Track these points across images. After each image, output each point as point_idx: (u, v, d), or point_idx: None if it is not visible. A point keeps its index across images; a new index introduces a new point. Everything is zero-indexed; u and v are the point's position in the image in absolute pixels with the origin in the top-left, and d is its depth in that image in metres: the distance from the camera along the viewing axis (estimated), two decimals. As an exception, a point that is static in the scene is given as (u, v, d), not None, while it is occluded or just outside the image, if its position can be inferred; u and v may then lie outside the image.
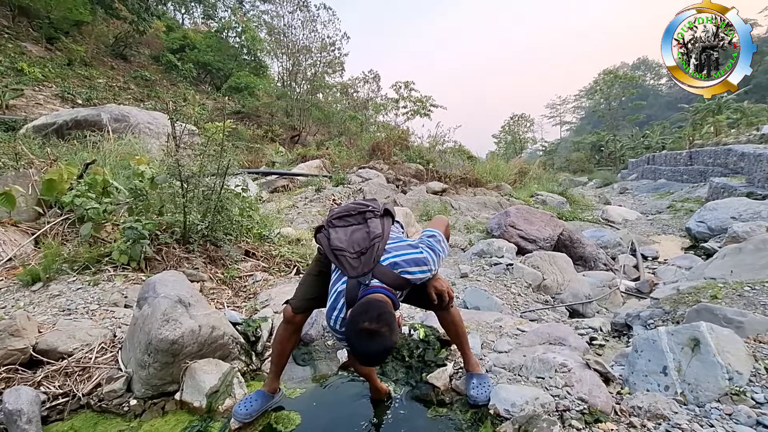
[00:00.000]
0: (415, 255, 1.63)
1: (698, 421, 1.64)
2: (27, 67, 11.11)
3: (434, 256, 1.67)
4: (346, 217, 1.81)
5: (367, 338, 1.39)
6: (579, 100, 52.15)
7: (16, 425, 1.69)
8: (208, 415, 1.93)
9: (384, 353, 1.43)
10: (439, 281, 1.83)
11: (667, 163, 17.64)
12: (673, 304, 3.05)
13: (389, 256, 1.62)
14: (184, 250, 3.59)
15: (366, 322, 1.39)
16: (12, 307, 2.68)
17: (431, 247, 1.69)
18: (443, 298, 1.83)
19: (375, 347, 1.39)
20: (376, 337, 1.38)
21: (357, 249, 1.63)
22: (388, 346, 1.41)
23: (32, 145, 5.43)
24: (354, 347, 1.43)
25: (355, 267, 1.58)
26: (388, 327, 1.41)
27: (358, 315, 1.43)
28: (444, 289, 1.82)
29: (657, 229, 8.61)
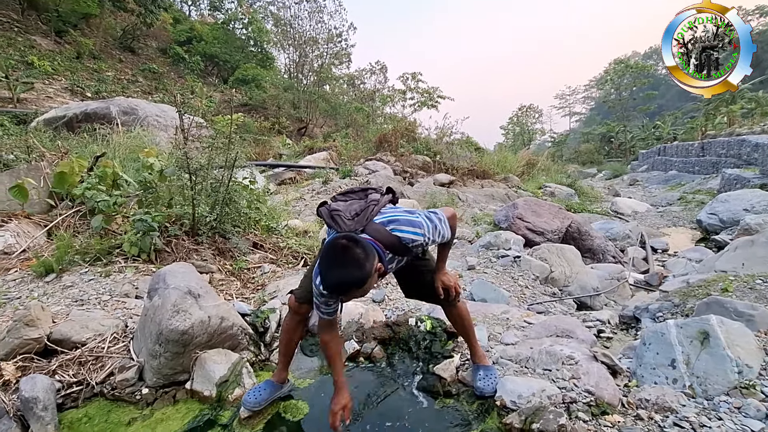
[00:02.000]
0: (410, 217, 1.60)
1: (706, 414, 1.63)
2: (37, 60, 11.20)
3: (429, 223, 1.61)
4: (348, 193, 1.83)
5: (341, 253, 1.37)
6: (589, 90, 51.29)
7: (33, 412, 1.73)
8: (218, 403, 1.97)
9: (352, 278, 1.36)
10: (447, 276, 1.84)
11: (679, 155, 17.34)
12: (683, 297, 3.02)
13: (383, 217, 1.60)
14: (193, 242, 3.63)
15: (343, 240, 1.39)
16: (26, 298, 2.74)
17: (428, 217, 1.65)
18: (450, 293, 1.83)
19: (345, 265, 1.35)
20: (348, 254, 1.36)
21: (353, 213, 1.62)
22: (357, 274, 1.36)
23: (43, 138, 5.49)
24: (322, 266, 1.40)
25: (348, 224, 1.56)
26: (363, 251, 1.38)
27: (336, 237, 1.45)
28: (451, 284, 1.83)
29: (667, 222, 8.51)
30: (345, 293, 1.42)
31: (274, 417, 1.90)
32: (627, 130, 32.26)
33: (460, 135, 12.59)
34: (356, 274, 1.36)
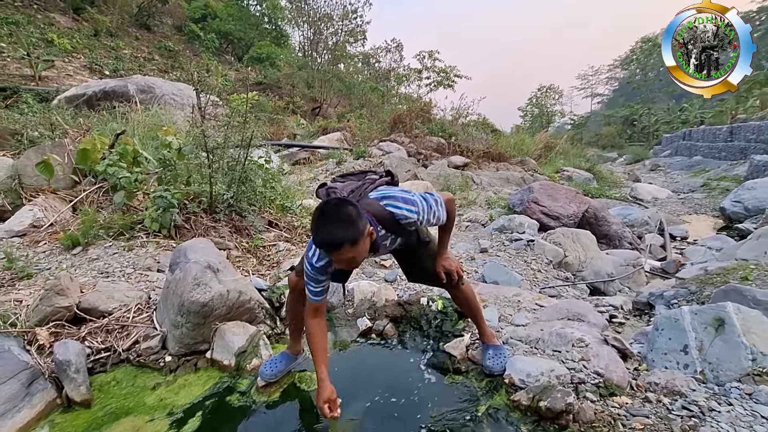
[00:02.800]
0: (405, 195, 1.58)
1: (716, 399, 1.64)
2: (56, 38, 11.33)
3: (424, 203, 1.59)
4: (348, 175, 1.84)
5: (332, 210, 1.37)
6: (613, 71, 49.42)
7: (66, 374, 1.85)
8: (236, 372, 2.06)
9: (344, 233, 1.35)
10: (448, 260, 1.85)
11: (705, 139, 16.71)
12: (700, 284, 2.98)
13: (378, 193, 1.61)
14: (210, 219, 3.72)
15: (335, 200, 1.42)
16: (56, 269, 2.87)
17: (424, 197, 1.62)
18: (452, 276, 1.85)
19: (337, 221, 1.35)
20: (340, 211, 1.36)
21: (348, 190, 1.62)
22: (350, 229, 1.35)
23: (65, 115, 5.61)
24: (314, 225, 1.39)
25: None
26: (355, 209, 1.38)
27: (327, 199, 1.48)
28: (452, 268, 1.84)
29: (688, 209, 8.30)
30: (337, 249, 1.36)
31: (290, 387, 1.99)
32: (651, 112, 31.13)
33: (477, 116, 12.36)
34: (349, 229, 1.35)
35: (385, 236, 1.62)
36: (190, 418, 1.78)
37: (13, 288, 2.56)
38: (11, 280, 2.66)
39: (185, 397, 1.91)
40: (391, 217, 1.54)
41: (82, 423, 1.75)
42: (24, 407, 1.73)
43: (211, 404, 1.87)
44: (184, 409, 1.83)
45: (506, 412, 1.74)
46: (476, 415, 1.75)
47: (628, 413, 1.61)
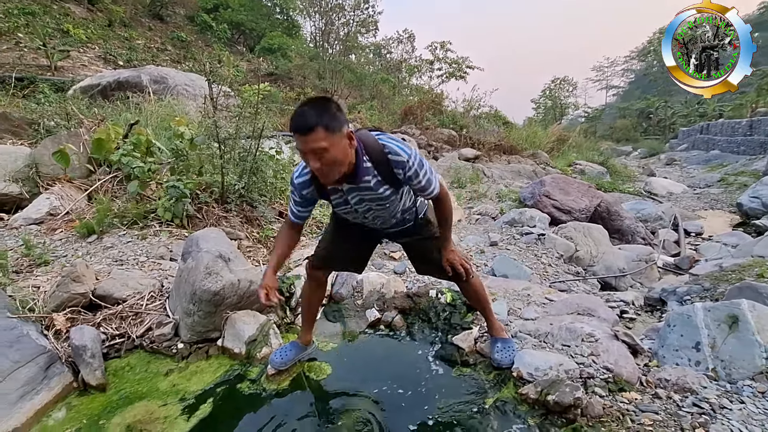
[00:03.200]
0: (401, 144, 1.50)
1: (728, 397, 1.62)
2: (72, 28, 11.43)
3: (418, 157, 1.50)
4: None
5: (315, 99, 1.36)
6: (629, 62, 48.27)
7: (82, 358, 1.90)
8: (247, 360, 2.09)
9: (320, 113, 1.31)
10: (453, 253, 1.81)
11: (723, 133, 16.28)
12: (714, 281, 2.93)
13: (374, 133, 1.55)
14: (222, 209, 3.76)
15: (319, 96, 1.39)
16: (72, 256, 2.93)
17: (422, 161, 1.52)
18: (457, 270, 1.81)
19: (316, 105, 1.33)
20: (323, 100, 1.35)
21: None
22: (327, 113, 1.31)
23: (81, 105, 5.69)
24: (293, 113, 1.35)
25: None
26: (338, 106, 1.36)
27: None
28: (456, 261, 1.80)
29: (704, 204, 8.14)
30: (309, 131, 1.29)
31: (299, 376, 2.01)
32: (668, 105, 30.40)
33: (489, 108, 12.22)
34: (324, 115, 1.30)
35: (370, 170, 1.49)
36: (202, 404, 1.82)
37: (32, 274, 2.63)
38: (29, 267, 2.73)
39: (197, 384, 1.95)
40: (380, 149, 1.47)
41: (98, 406, 1.80)
42: (42, 390, 1.78)
43: (222, 391, 1.91)
44: (195, 395, 1.87)
45: (514, 405, 1.75)
46: (484, 408, 1.76)
47: (638, 409, 1.60)
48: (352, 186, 1.53)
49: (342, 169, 1.41)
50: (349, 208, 1.64)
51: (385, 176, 1.51)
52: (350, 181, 1.51)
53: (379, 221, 1.73)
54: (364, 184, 1.51)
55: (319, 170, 1.38)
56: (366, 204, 1.61)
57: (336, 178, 1.42)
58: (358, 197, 1.58)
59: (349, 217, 1.75)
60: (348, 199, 1.59)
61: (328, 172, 1.39)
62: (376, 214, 1.67)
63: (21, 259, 2.78)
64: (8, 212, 3.62)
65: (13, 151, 3.91)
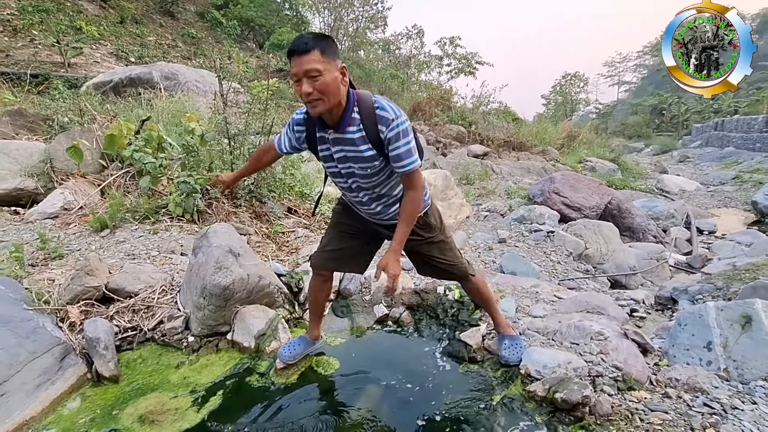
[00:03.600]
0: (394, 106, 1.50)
1: (740, 397, 1.60)
2: (85, 25, 11.57)
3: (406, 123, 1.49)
4: None
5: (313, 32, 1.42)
6: (642, 58, 47.50)
7: (96, 350, 1.94)
8: (256, 354, 2.12)
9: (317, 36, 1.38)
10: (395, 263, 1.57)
11: (738, 129, 15.95)
12: (727, 280, 2.89)
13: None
14: (231, 205, 3.79)
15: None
16: (85, 250, 2.99)
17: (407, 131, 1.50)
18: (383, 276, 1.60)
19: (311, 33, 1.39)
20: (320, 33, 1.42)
21: None
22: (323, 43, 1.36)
23: (93, 101, 5.76)
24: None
25: None
26: (334, 42, 1.41)
27: None
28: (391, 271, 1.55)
29: (718, 202, 8.00)
30: (305, 51, 1.33)
31: (307, 370, 2.03)
32: (682, 101, 29.85)
33: (498, 104, 12.12)
34: (322, 41, 1.37)
35: (356, 121, 1.49)
36: (212, 397, 1.85)
37: (47, 267, 2.68)
38: (45, 260, 2.79)
39: (207, 377, 1.98)
40: (371, 103, 1.48)
41: (111, 397, 1.84)
42: (57, 380, 1.83)
43: (232, 384, 1.94)
44: (206, 388, 1.90)
45: (521, 402, 1.74)
46: (491, 404, 1.76)
47: (647, 408, 1.59)
48: (337, 136, 1.52)
49: (332, 102, 1.41)
50: (334, 167, 1.62)
51: (369, 132, 1.49)
52: (337, 129, 1.51)
53: (368, 200, 1.67)
54: (349, 135, 1.50)
55: (310, 97, 1.38)
56: (349, 165, 1.57)
57: (324, 110, 1.42)
58: (342, 153, 1.55)
59: (339, 185, 1.72)
60: (333, 153, 1.57)
61: (318, 101, 1.39)
62: (360, 184, 1.62)
63: (36, 253, 2.84)
64: (24, 206, 3.70)
65: (28, 146, 3.98)
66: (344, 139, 1.52)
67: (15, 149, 3.86)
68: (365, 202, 1.70)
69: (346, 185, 1.68)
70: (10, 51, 9.18)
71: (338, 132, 1.51)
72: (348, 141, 1.52)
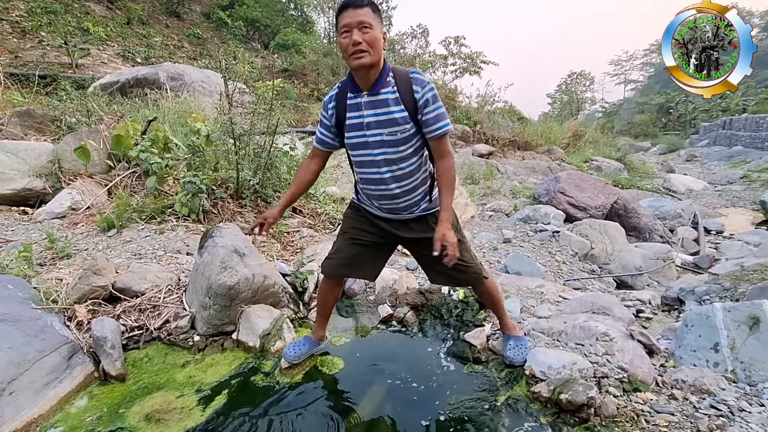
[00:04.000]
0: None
1: (747, 399, 1.59)
2: (92, 26, 11.67)
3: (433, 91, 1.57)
4: None
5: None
6: (649, 56, 47.09)
7: (103, 349, 1.96)
8: (261, 353, 2.13)
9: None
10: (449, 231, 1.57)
11: (747, 128, 15.77)
12: (735, 280, 2.86)
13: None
14: (237, 204, 3.81)
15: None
16: (93, 250, 3.02)
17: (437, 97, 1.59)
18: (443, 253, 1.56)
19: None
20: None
21: None
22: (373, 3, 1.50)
23: (101, 102, 5.81)
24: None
25: None
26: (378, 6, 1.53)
27: None
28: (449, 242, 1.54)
29: (725, 202, 7.91)
30: (361, 4, 1.47)
31: (312, 369, 2.04)
32: (689, 100, 29.54)
33: (503, 104, 12.07)
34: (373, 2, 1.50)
35: (391, 83, 1.58)
36: (217, 396, 1.86)
37: (55, 267, 2.72)
38: (53, 260, 2.82)
39: (212, 376, 1.99)
40: (404, 70, 1.61)
41: (118, 395, 1.86)
42: (65, 378, 1.85)
43: (237, 383, 1.95)
44: (211, 387, 1.91)
45: (526, 403, 1.74)
46: (495, 405, 1.76)
47: (653, 410, 1.58)
48: (371, 99, 1.59)
49: (375, 57, 1.51)
50: (362, 137, 1.63)
51: (403, 93, 1.57)
52: (371, 91, 1.58)
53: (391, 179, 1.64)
54: (383, 96, 1.58)
55: (359, 46, 1.47)
56: (380, 132, 1.60)
57: (368, 62, 1.50)
58: (374, 117, 1.59)
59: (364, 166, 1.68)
60: (364, 119, 1.60)
61: (365, 53, 1.48)
62: (388, 157, 1.62)
63: (44, 252, 2.87)
64: (32, 206, 3.74)
65: (36, 147, 4.03)
66: (378, 101, 1.59)
67: (23, 150, 3.91)
68: (388, 183, 1.65)
69: (373, 162, 1.64)
70: (19, 52, 9.29)
71: (372, 94, 1.59)
72: (381, 103, 1.58)
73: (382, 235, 1.84)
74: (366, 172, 1.71)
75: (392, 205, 1.73)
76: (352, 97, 1.62)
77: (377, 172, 1.67)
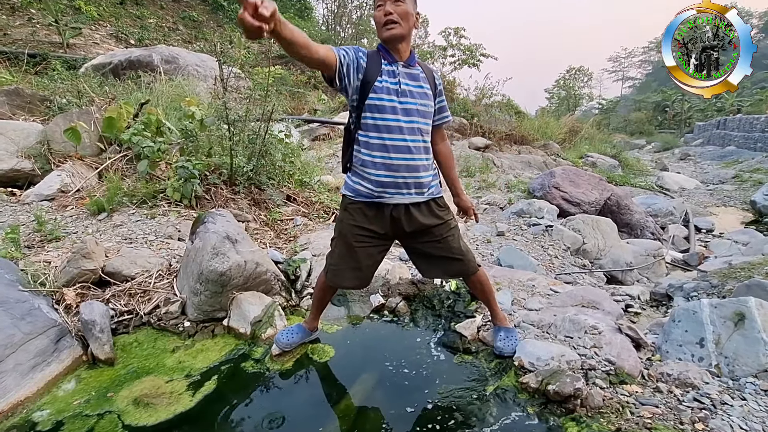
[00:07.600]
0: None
1: (730, 393, 1.62)
2: (84, 5, 11.39)
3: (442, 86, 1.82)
4: None
5: None
6: (647, 53, 47.09)
7: (91, 333, 1.94)
8: (252, 340, 2.13)
9: None
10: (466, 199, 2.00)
11: (741, 129, 15.91)
12: (722, 278, 2.90)
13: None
14: (230, 191, 3.77)
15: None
16: (82, 233, 2.98)
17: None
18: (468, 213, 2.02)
19: None
20: None
21: None
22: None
23: (92, 83, 5.70)
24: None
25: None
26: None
27: None
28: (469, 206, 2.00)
29: (717, 201, 8.01)
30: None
31: (303, 357, 2.04)
32: (685, 99, 29.66)
33: (501, 97, 12.00)
34: None
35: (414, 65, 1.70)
36: (207, 381, 1.86)
37: (43, 249, 2.68)
38: (41, 242, 2.78)
39: (202, 361, 1.99)
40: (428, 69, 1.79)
41: (106, 379, 1.85)
42: (53, 362, 1.83)
43: (227, 369, 1.95)
44: (201, 373, 1.91)
45: (514, 393, 1.76)
46: (484, 395, 1.77)
47: (638, 402, 1.60)
48: (408, 71, 1.68)
49: (405, 30, 1.59)
50: (391, 102, 1.60)
51: (428, 77, 1.74)
52: (407, 64, 1.68)
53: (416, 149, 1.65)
54: (416, 71, 1.70)
55: (390, 17, 1.55)
56: (413, 101, 1.66)
57: (398, 34, 1.58)
58: (409, 86, 1.66)
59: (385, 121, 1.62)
60: (400, 83, 1.64)
61: (396, 24, 1.56)
62: (419, 126, 1.67)
63: (33, 235, 2.83)
64: (21, 188, 3.67)
65: (25, 127, 3.94)
66: (413, 74, 1.69)
67: (12, 130, 3.83)
68: (414, 152, 1.65)
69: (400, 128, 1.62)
70: (8, 30, 9.04)
71: (408, 67, 1.68)
72: (416, 77, 1.70)
73: (383, 233, 1.76)
74: (390, 138, 1.62)
75: (411, 178, 1.65)
76: (387, 64, 1.65)
77: (403, 140, 1.63)
